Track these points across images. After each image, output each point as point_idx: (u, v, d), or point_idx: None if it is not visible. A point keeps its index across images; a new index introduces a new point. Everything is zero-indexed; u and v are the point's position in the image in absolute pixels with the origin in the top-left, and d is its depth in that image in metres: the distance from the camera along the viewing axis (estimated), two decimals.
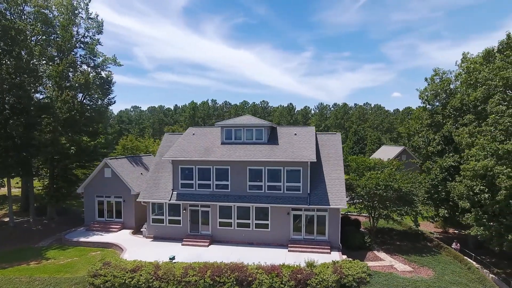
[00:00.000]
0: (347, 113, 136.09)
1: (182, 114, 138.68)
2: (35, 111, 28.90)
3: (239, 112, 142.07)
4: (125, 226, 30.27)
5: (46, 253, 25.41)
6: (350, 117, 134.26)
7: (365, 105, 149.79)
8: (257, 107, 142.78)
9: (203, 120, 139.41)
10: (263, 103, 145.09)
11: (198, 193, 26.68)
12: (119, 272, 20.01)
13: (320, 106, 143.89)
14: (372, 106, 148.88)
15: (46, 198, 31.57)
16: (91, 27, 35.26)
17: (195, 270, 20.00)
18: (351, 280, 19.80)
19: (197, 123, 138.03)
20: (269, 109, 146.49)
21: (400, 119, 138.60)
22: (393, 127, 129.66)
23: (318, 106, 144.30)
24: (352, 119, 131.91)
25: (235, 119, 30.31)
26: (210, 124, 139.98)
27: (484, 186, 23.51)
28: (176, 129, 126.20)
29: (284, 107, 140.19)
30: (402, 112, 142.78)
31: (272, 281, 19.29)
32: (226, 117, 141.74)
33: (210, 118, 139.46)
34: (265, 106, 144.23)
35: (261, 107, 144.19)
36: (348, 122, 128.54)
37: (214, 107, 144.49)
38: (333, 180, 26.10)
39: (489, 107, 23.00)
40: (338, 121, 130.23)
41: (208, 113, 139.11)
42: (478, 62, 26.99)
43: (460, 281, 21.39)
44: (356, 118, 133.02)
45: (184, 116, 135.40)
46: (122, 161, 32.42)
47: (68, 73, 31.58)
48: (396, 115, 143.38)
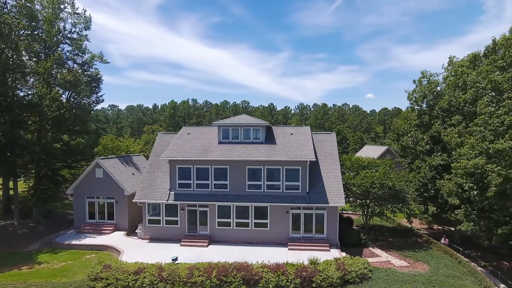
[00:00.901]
0: (326, 114, 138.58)
1: (162, 114, 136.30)
2: (21, 109, 27.56)
3: (220, 112, 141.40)
4: (118, 228, 29.48)
5: (37, 257, 24.35)
6: (329, 117, 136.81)
7: (344, 105, 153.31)
8: (238, 107, 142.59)
9: (183, 119, 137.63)
10: (244, 103, 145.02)
11: (196, 193, 26.42)
12: (121, 275, 19.53)
13: (300, 106, 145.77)
14: (350, 107, 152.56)
15: (32, 200, 30.18)
16: (78, 23, 34.05)
17: (200, 270, 19.84)
18: (354, 276, 20.34)
19: (177, 122, 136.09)
20: (249, 109, 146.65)
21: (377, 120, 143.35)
22: (371, 127, 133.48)
23: (299, 106, 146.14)
24: (332, 119, 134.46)
25: (231, 118, 30.28)
26: (190, 123, 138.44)
27: (473, 184, 24.78)
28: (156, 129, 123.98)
29: (265, 107, 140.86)
30: (378, 113, 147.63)
31: (278, 279, 19.45)
32: (207, 117, 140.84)
33: (191, 117, 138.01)
34: (246, 106, 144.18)
35: (242, 107, 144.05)
36: (328, 122, 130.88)
37: (194, 107, 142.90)
38: (330, 179, 26.61)
39: (478, 108, 24.22)
40: (318, 121, 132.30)
41: (188, 112, 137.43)
42: (465, 65, 28.36)
43: (454, 274, 22.40)
44: (335, 119, 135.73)
45: (164, 116, 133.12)
46: (113, 161, 31.55)
47: (56, 69, 30.34)
48: (373, 115, 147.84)
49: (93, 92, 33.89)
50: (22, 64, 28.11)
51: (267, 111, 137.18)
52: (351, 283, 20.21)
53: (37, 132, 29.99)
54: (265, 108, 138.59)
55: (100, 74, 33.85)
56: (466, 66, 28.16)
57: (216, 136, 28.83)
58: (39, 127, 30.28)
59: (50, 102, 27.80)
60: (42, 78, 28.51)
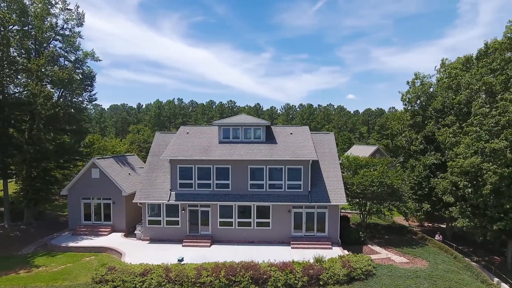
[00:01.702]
0: (312, 114, 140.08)
1: (148, 113, 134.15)
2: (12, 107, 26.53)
3: (206, 112, 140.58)
4: (115, 229, 28.86)
5: (34, 260, 23.52)
6: (315, 117, 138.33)
7: (329, 106, 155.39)
8: (224, 107, 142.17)
9: (169, 119, 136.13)
10: (231, 103, 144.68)
11: (197, 193, 26.21)
12: (128, 277, 19.17)
13: (286, 106, 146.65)
14: (335, 107, 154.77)
15: (24, 201, 29.10)
16: (70, 19, 33.09)
17: (208, 270, 19.72)
18: (359, 273, 20.72)
19: (162, 122, 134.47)
20: (235, 109, 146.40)
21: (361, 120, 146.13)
22: (356, 127, 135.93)
23: (285, 106, 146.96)
24: (317, 120, 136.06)
25: (231, 118, 30.23)
26: (176, 123, 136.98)
27: (467, 182, 25.68)
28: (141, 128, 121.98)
29: (251, 107, 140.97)
30: (362, 113, 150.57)
31: (286, 277, 19.60)
32: (193, 117, 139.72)
33: (176, 117, 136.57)
34: (232, 106, 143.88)
35: (228, 107, 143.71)
36: (314, 123, 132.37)
37: (180, 106, 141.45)
38: (331, 178, 26.99)
39: (473, 109, 25.14)
40: (304, 122, 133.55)
41: (174, 112, 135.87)
42: (457, 68, 29.37)
43: (452, 269, 23.19)
44: (321, 119, 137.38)
45: (149, 115, 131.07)
46: (109, 161, 30.85)
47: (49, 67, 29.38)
48: (357, 116, 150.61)
49: (86, 91, 33.02)
50: (14, 61, 27.08)
51: (253, 111, 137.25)
52: (356, 279, 20.60)
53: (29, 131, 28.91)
54: (251, 108, 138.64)
55: (94, 72, 33.06)
56: (459, 68, 29.17)
57: (216, 135, 28.70)
58: (30, 125, 29.22)
59: (44, 100, 26.90)
60: (36, 75, 27.53)
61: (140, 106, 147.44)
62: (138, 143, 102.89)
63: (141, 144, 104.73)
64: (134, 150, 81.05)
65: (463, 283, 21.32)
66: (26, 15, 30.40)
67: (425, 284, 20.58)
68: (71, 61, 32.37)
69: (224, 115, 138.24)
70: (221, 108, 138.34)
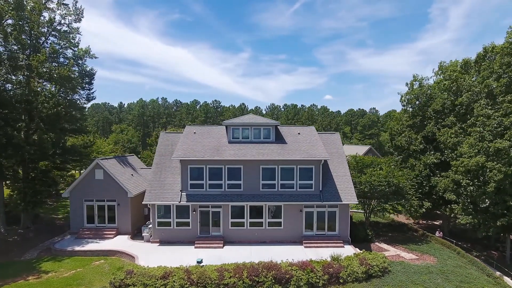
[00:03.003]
0: (297, 114, 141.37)
1: (131, 113, 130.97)
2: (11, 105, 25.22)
3: (190, 111, 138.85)
4: (120, 232, 28.05)
5: (40, 265, 22.48)
6: (300, 117, 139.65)
7: (312, 106, 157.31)
8: (209, 106, 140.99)
9: (152, 118, 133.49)
10: (215, 103, 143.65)
11: (209, 194, 25.92)
12: (149, 280, 18.72)
13: (271, 106, 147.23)
14: (318, 108, 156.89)
15: (21, 204, 27.72)
16: (68, 14, 31.84)
17: (229, 272, 19.56)
18: (376, 270, 21.17)
19: (146, 122, 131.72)
20: (220, 109, 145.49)
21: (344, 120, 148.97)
22: (339, 128, 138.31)
23: (270, 106, 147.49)
24: (302, 120, 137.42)
25: (240, 118, 30.12)
26: (160, 123, 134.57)
27: (469, 180, 26.75)
28: (125, 128, 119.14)
29: (237, 108, 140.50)
30: (345, 113, 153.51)
31: (308, 276, 19.74)
32: (178, 116, 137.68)
33: (160, 117, 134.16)
34: (217, 105, 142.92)
35: (213, 106, 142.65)
36: (298, 123, 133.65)
37: (164, 106, 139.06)
38: (340, 177, 27.40)
39: (476, 111, 26.22)
40: (289, 121, 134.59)
41: (158, 111, 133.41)
42: (457, 70, 30.56)
43: (460, 265, 24.12)
44: (305, 119, 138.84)
45: (133, 115, 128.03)
46: (112, 161, 29.95)
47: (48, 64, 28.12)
48: (340, 116, 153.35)
49: (85, 89, 31.87)
50: (13, 56, 25.77)
51: (238, 111, 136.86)
52: (374, 277, 21.03)
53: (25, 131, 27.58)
54: (237, 108, 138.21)
55: (94, 69, 31.96)
56: (458, 71, 30.33)
57: (224, 135, 28.52)
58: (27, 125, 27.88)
59: (46, 98, 25.73)
60: (36, 72, 26.29)
61: (122, 105, 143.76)
62: (122, 143, 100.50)
63: (125, 144, 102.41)
64: (118, 150, 78.97)
65: (472, 278, 22.22)
66: (22, 9, 29.00)
67: (439, 280, 21.30)
68: (70, 58, 31.10)
69: (209, 115, 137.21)
70: (206, 108, 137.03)
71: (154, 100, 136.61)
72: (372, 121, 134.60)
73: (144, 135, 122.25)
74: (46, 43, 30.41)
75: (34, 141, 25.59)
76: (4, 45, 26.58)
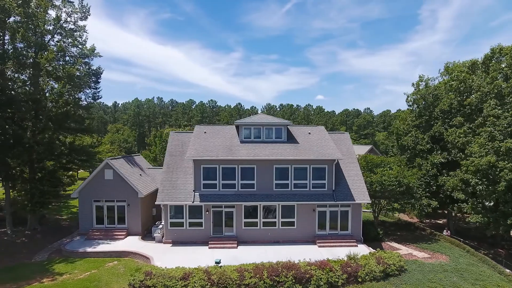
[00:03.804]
0: (293, 114, 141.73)
1: (126, 112, 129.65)
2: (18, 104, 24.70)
3: (186, 111, 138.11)
4: (130, 233, 27.70)
5: (52, 267, 22.04)
6: (296, 117, 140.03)
7: (308, 106, 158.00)
8: (205, 106, 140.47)
9: (148, 118, 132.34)
10: (211, 102, 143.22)
11: (222, 194, 25.77)
12: (170, 281, 18.52)
13: (267, 106, 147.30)
14: (314, 108, 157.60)
15: (29, 205, 27.16)
16: (74, 12, 31.34)
17: (249, 272, 19.47)
18: (393, 269, 21.30)
19: (141, 122, 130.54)
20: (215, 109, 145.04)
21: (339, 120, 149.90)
22: (335, 127, 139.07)
23: (266, 106, 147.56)
24: (298, 120, 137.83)
25: (252, 117, 30.12)
26: (156, 123, 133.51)
27: (478, 179, 27.11)
28: (121, 128, 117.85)
29: (232, 107, 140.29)
30: (340, 113, 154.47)
31: (328, 276, 19.75)
32: (173, 116, 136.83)
33: (156, 116, 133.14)
34: (213, 105, 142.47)
35: (209, 106, 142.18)
36: (295, 123, 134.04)
37: (160, 105, 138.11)
38: (352, 177, 27.51)
39: (485, 111, 26.60)
40: None
41: (154, 111, 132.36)
42: (464, 71, 30.94)
43: (472, 263, 24.42)
44: (301, 119, 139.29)
45: (128, 114, 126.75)
46: (120, 161, 29.54)
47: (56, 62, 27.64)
48: (335, 116, 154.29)
49: (92, 88, 31.41)
50: (21, 54, 25.24)
51: (234, 111, 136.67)
52: (391, 275, 21.14)
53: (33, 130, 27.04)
54: (233, 108, 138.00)
55: (101, 68, 31.48)
56: (466, 71, 30.72)
57: (235, 135, 28.41)
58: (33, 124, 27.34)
59: (55, 97, 25.27)
60: (45, 70, 25.79)
61: (116, 104, 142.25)
62: (118, 143, 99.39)
63: (121, 144, 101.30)
64: (115, 150, 78.13)
65: (485, 275, 22.50)
66: (28, 6, 28.46)
67: (454, 278, 21.52)
68: (77, 57, 30.63)
69: (205, 115, 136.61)
70: (202, 108, 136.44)
71: (150, 99, 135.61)
72: (368, 121, 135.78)
73: (139, 135, 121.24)
74: (52, 41, 29.90)
75: (43, 140, 25.02)
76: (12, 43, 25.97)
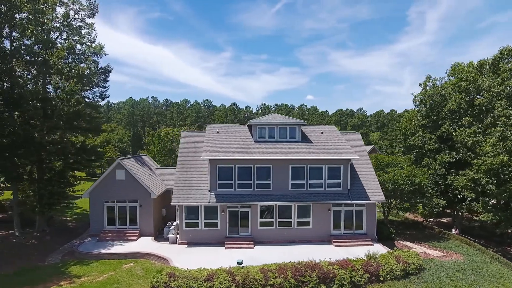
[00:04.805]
0: (288, 114, 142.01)
1: (120, 112, 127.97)
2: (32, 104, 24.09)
3: (181, 111, 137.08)
4: (142, 233, 27.28)
5: (68, 270, 21.52)
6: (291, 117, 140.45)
7: (302, 106, 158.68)
8: (200, 106, 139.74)
9: (142, 118, 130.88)
10: (206, 102, 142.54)
11: (238, 193, 25.58)
12: (194, 283, 18.29)
13: (262, 106, 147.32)
14: (308, 108, 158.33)
15: (38, 206, 26.49)
16: (82, 9, 30.72)
17: (273, 272, 19.37)
18: (413, 268, 21.48)
19: (135, 121, 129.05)
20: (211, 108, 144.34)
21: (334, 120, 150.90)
22: None
23: (261, 106, 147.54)
24: None
25: (266, 117, 30.01)
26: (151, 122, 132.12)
27: (488, 178, 27.53)
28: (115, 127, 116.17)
29: (228, 107, 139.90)
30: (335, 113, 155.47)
31: (351, 275, 19.79)
32: (168, 116, 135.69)
33: (151, 116, 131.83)
34: (208, 105, 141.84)
35: (204, 106, 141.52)
36: None
37: (154, 105, 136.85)
38: (365, 176, 27.64)
39: (496, 111, 27.03)
40: None
41: (148, 111, 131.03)
42: (473, 72, 31.39)
43: (486, 260, 24.79)
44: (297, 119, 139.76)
45: (122, 114, 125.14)
46: (131, 161, 29.07)
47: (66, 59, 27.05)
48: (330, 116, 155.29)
49: (101, 86, 30.86)
50: (32, 51, 24.62)
51: (230, 111, 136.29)
52: (411, 274, 21.31)
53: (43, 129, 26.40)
54: (228, 108, 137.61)
55: (110, 67, 30.95)
56: (475, 72, 31.17)
57: (248, 134, 28.27)
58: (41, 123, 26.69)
59: (67, 96, 24.69)
60: (56, 68, 25.17)
61: (109, 104, 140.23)
62: (113, 142, 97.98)
63: (116, 144, 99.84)
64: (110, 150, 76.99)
65: (501, 273, 22.87)
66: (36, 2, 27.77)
67: (472, 276, 21.81)
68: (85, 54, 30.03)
69: (200, 114, 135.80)
70: (197, 108, 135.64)
71: (144, 99, 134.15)
72: (362, 121, 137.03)
73: (134, 135, 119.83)
74: (60, 38, 29.26)
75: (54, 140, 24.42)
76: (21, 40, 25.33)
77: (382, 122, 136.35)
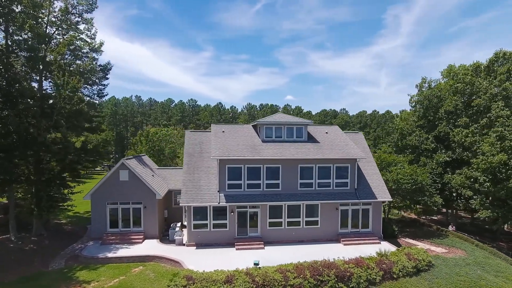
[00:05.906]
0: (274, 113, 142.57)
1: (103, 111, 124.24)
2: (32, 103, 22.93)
3: (165, 110, 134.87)
4: (147, 236, 26.56)
5: (75, 275, 20.62)
6: None
7: (287, 106, 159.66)
8: (185, 105, 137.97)
9: (126, 117, 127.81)
10: (191, 101, 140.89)
11: (247, 194, 25.35)
12: (214, 285, 17.97)
13: (248, 106, 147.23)
14: (293, 108, 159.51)
15: (35, 209, 25.23)
16: (79, 3, 29.54)
17: (292, 272, 19.32)
18: (424, 264, 21.99)
19: (118, 121, 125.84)
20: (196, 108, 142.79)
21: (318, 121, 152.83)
22: None
23: (246, 106, 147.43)
24: None
25: (272, 117, 29.91)
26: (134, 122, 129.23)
27: (485, 177, 28.60)
28: None
29: (213, 107, 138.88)
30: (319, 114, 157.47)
31: (367, 273, 20.03)
32: (153, 115, 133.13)
33: (135, 116, 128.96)
34: (193, 104, 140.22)
35: (189, 105, 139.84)
36: None
37: (138, 104, 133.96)
38: (371, 175, 28.06)
39: (494, 112, 28.10)
40: None
41: (132, 110, 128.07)
42: (469, 74, 32.51)
43: (487, 256, 25.70)
44: None
45: (105, 113, 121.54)
46: (133, 162, 28.25)
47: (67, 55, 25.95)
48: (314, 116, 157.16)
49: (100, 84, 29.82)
50: (32, 47, 23.43)
51: (215, 111, 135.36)
52: (421, 271, 21.80)
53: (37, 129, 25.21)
54: (213, 108, 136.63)
55: (111, 64, 29.93)
56: (470, 74, 32.29)
57: (254, 134, 28.12)
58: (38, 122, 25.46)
59: (70, 93, 23.67)
60: (58, 64, 24.09)
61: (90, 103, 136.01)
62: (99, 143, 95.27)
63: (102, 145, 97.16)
64: None
65: (503, 267, 23.80)
66: None
67: (478, 271, 22.56)
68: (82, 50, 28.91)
69: (185, 114, 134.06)
70: (182, 107, 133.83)
71: (128, 98, 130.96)
72: (345, 121, 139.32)
73: (117, 134, 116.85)
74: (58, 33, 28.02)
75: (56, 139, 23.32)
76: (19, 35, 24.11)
77: (365, 122, 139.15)
